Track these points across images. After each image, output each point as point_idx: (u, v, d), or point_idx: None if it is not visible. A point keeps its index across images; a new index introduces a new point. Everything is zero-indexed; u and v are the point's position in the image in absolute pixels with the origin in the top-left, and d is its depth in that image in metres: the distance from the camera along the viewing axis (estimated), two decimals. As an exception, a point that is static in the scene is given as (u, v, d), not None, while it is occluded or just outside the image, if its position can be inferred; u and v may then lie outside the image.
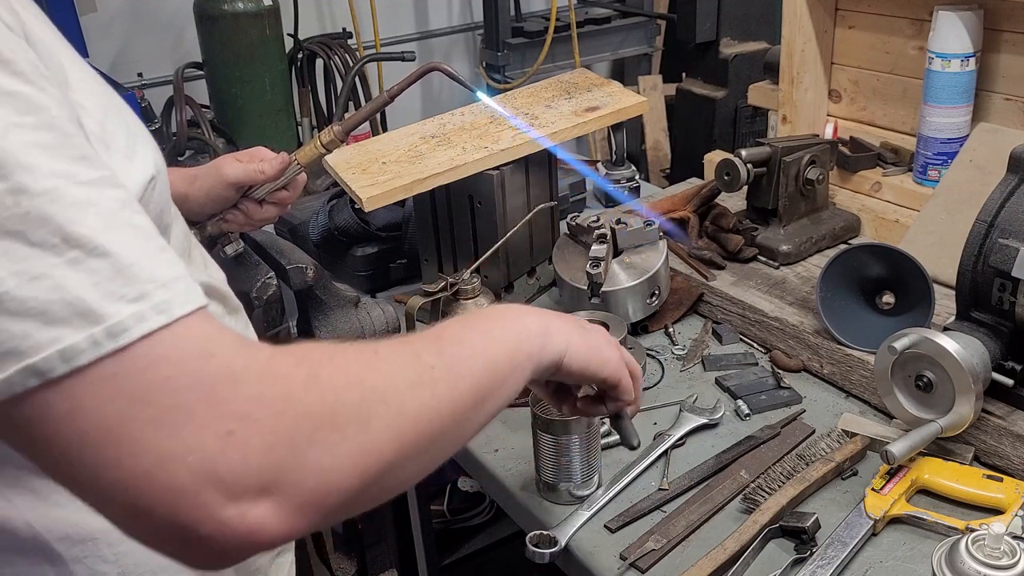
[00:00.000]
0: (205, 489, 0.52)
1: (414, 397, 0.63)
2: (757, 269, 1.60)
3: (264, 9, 3.02)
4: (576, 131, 1.57)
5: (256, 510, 0.54)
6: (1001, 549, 0.92)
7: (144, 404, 0.52)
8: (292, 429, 0.55)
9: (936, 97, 1.63)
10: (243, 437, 0.53)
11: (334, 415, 0.58)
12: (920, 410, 1.17)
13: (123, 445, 0.52)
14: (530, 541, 1.09)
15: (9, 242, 0.50)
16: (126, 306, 0.52)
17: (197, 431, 0.52)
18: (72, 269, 0.51)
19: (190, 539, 0.53)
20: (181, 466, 0.52)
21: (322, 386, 0.58)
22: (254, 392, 0.55)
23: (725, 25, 3.37)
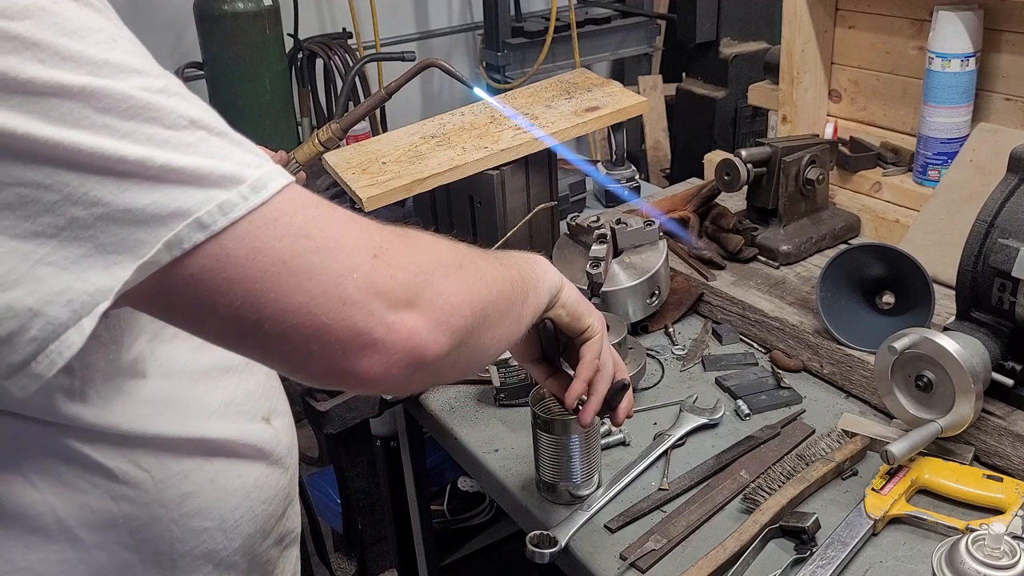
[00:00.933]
0: (371, 299, 0.63)
1: (479, 261, 0.76)
2: (757, 269, 1.60)
3: (264, 9, 3.01)
4: (576, 131, 1.57)
5: (410, 318, 0.64)
6: (1001, 549, 0.92)
7: (306, 237, 0.61)
8: (415, 260, 0.67)
9: (936, 97, 1.63)
10: (385, 260, 0.65)
11: (440, 258, 0.70)
12: (920, 410, 1.17)
13: (299, 273, 0.61)
14: (530, 541, 1.09)
15: (152, 127, 0.58)
16: (255, 169, 0.61)
17: (351, 254, 0.63)
18: (205, 144, 0.60)
19: (367, 346, 0.63)
20: (349, 282, 0.62)
21: (421, 239, 0.71)
22: (380, 235, 0.66)
23: (725, 25, 3.37)
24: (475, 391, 1.42)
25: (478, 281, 0.73)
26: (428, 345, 0.65)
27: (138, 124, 0.58)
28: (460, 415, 1.37)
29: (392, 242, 0.66)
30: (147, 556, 0.77)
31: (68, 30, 0.57)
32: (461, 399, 1.41)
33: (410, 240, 0.69)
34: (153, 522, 0.76)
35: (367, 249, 0.64)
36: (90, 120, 0.56)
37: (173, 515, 0.77)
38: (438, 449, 1.73)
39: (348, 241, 0.63)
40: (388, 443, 1.82)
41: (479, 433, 1.33)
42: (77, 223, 0.56)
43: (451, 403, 1.40)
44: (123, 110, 0.57)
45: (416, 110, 4.03)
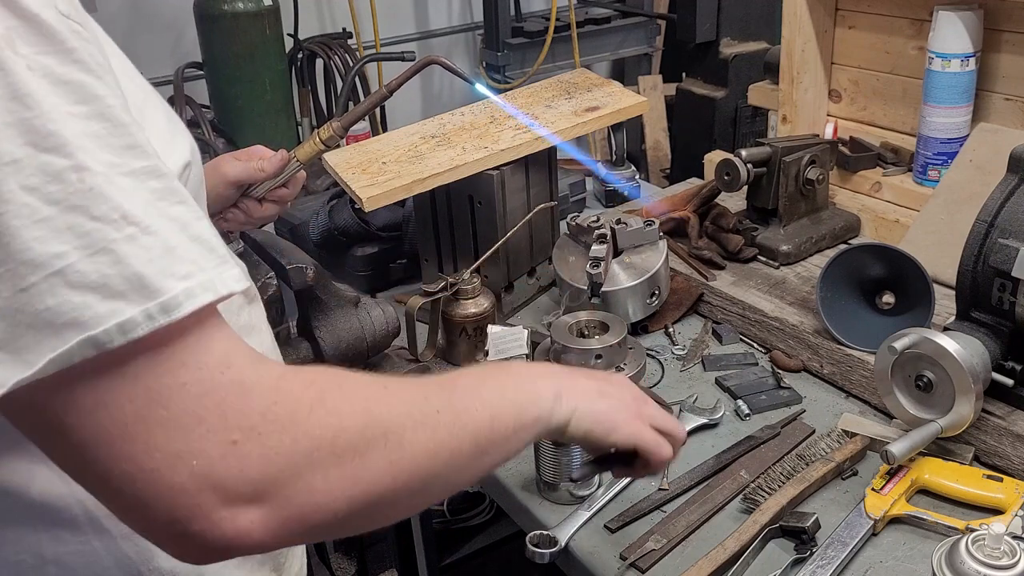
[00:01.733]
0: (203, 491, 0.55)
1: (415, 436, 0.65)
2: (757, 269, 1.60)
3: (264, 9, 3.01)
4: (576, 131, 1.57)
5: (245, 516, 0.57)
6: (1001, 549, 0.92)
7: (160, 406, 0.55)
8: (291, 447, 0.58)
9: (936, 97, 1.63)
10: (245, 449, 0.56)
11: (334, 441, 0.60)
12: (920, 410, 1.17)
13: (137, 442, 0.55)
14: (530, 541, 1.09)
15: (74, 216, 0.52)
16: (177, 282, 0.55)
17: (204, 437, 0.56)
18: (130, 244, 0.54)
19: (181, 534, 0.56)
20: (185, 468, 0.55)
21: (327, 410, 0.61)
22: (261, 407, 0.58)
23: (725, 25, 3.37)
24: (475, 391, 1.41)
25: (397, 461, 0.63)
26: (261, 540, 0.58)
27: (60, 211, 0.52)
28: (460, 415, 1.37)
29: (276, 421, 0.58)
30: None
31: (18, 94, 0.52)
32: (461, 399, 1.40)
33: (320, 408, 0.60)
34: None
35: (229, 433, 0.56)
36: (9, 195, 0.51)
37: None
38: (438, 449, 1.72)
39: (210, 420, 0.56)
40: (388, 443, 1.82)
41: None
42: None
43: (451, 403, 1.40)
44: (49, 192, 0.52)
45: (416, 110, 4.02)
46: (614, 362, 1.32)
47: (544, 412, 0.79)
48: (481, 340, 1.44)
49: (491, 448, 0.73)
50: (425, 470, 0.66)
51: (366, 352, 1.33)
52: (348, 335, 1.30)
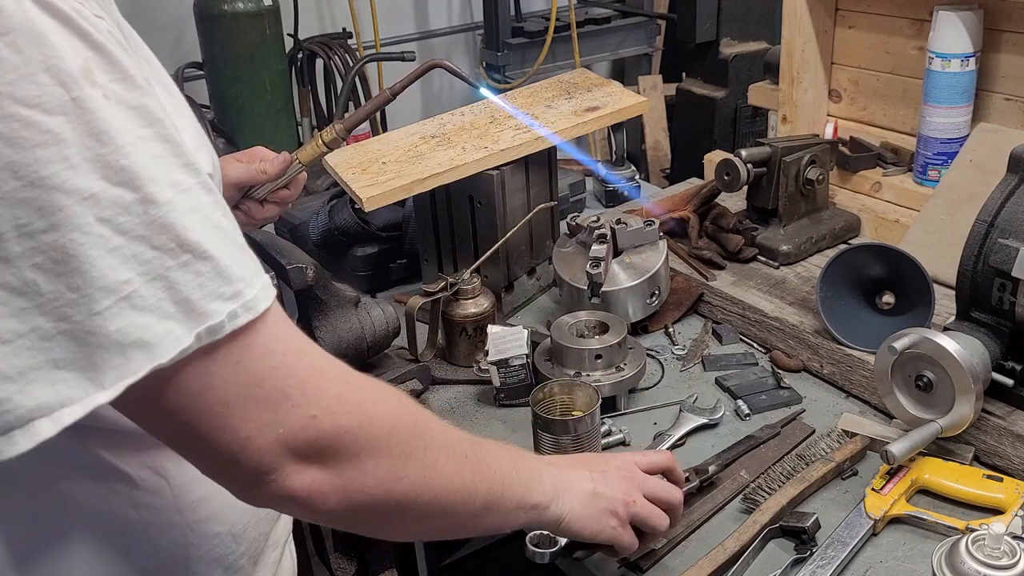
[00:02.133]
0: (283, 453, 0.65)
1: (447, 464, 0.76)
2: (757, 269, 1.60)
3: (264, 9, 3.01)
4: (576, 131, 1.57)
5: (309, 475, 0.67)
6: (1001, 549, 0.92)
7: (257, 386, 0.64)
8: (358, 429, 0.68)
9: (936, 97, 1.63)
10: (321, 422, 0.66)
11: (389, 435, 0.71)
12: (920, 410, 1.17)
13: (236, 416, 0.63)
14: (530, 541, 1.09)
15: (138, 246, 0.58)
16: (223, 304, 0.61)
17: (290, 410, 0.65)
18: (182, 271, 0.59)
19: (259, 483, 0.66)
20: (273, 434, 0.64)
21: (387, 406, 0.72)
22: (336, 390, 0.68)
23: (725, 25, 3.37)
24: (475, 391, 1.42)
25: (426, 474, 0.73)
26: (312, 499, 0.67)
27: (127, 240, 0.57)
28: (460, 415, 1.37)
29: (348, 404, 0.68)
30: (163, 563, 0.78)
31: (96, 131, 0.57)
32: (461, 399, 1.41)
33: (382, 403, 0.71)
34: (170, 528, 0.77)
35: (310, 408, 0.66)
36: (88, 227, 0.56)
37: (188, 521, 0.78)
38: (438, 449, 1.73)
39: (296, 397, 0.65)
40: (388, 443, 1.81)
41: (479, 433, 1.32)
42: (37, 333, 0.56)
43: (451, 403, 1.40)
44: (120, 223, 0.57)
45: (416, 110, 4.02)
46: (614, 362, 1.32)
47: (543, 502, 0.87)
48: (481, 340, 1.44)
49: (495, 510, 0.82)
50: (445, 497, 0.76)
51: (366, 352, 1.33)
52: (348, 335, 1.30)
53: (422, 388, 1.38)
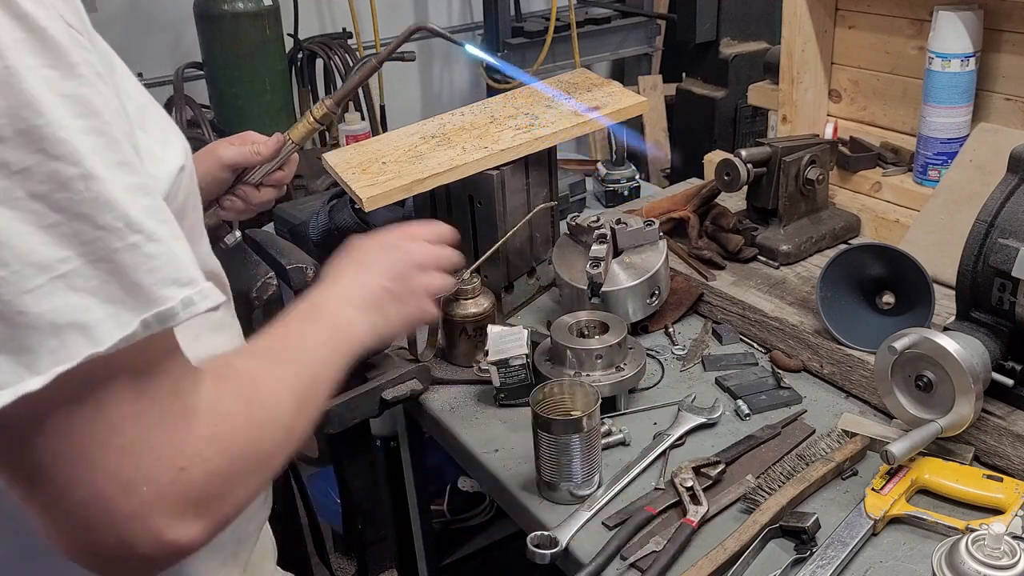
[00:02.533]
0: (152, 515, 0.59)
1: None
2: (757, 269, 1.60)
3: (264, 9, 3.01)
4: (576, 131, 1.57)
5: (188, 531, 0.61)
6: (1001, 549, 0.92)
7: (118, 433, 0.57)
8: (228, 468, 0.64)
9: (936, 97, 1.63)
10: (191, 473, 0.61)
11: (257, 454, 0.68)
12: (920, 410, 1.17)
13: (95, 468, 0.57)
14: (531, 542, 1.09)
15: (79, 224, 0.54)
16: (178, 290, 0.58)
17: (156, 464, 0.59)
18: (131, 253, 0.56)
19: (128, 557, 0.60)
20: (136, 494, 0.58)
21: (254, 424, 0.68)
22: (205, 433, 0.63)
23: (725, 25, 3.37)
24: (475, 391, 1.42)
25: (288, 449, 0.72)
26: (199, 546, 0.63)
27: (66, 218, 0.54)
28: (460, 415, 1.37)
29: (218, 445, 0.63)
30: None
31: (29, 102, 0.54)
32: (461, 399, 1.41)
33: (249, 426, 0.66)
34: None
35: (178, 460, 0.60)
36: (18, 202, 0.53)
37: None
38: (438, 449, 1.73)
39: (161, 448, 0.59)
40: (388, 443, 1.82)
41: (479, 433, 1.33)
42: None
43: (451, 403, 1.40)
44: (57, 199, 0.54)
45: (416, 111, 4.03)
46: (614, 362, 1.32)
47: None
48: (481, 340, 1.44)
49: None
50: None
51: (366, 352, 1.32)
52: (348, 335, 1.30)
53: (422, 388, 1.38)
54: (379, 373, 1.36)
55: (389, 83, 3.72)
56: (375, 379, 1.34)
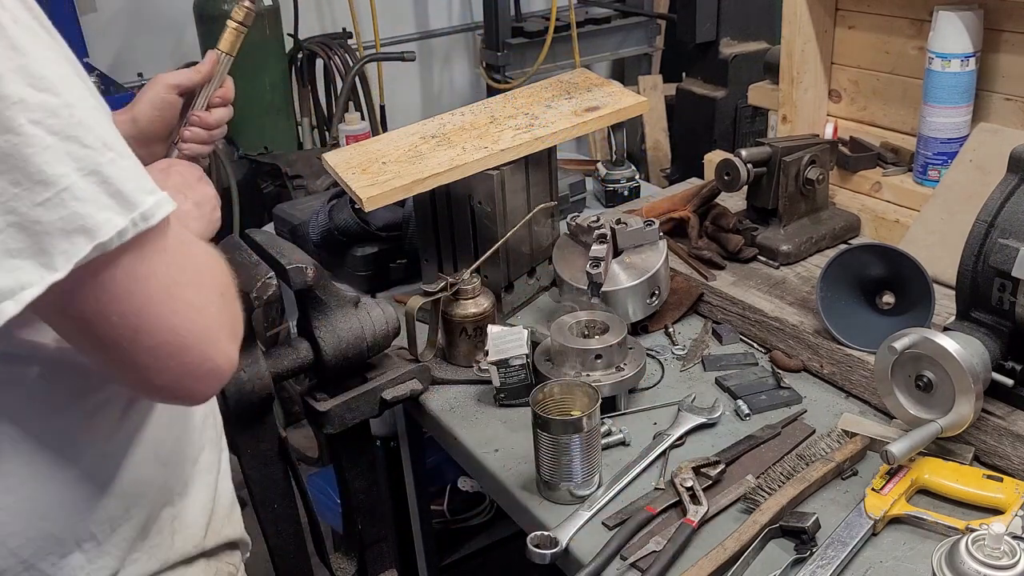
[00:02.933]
0: (219, 332, 0.75)
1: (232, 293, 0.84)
2: (757, 269, 1.60)
3: (264, 9, 3.01)
4: (576, 131, 1.57)
5: (234, 349, 0.77)
6: (1001, 549, 0.92)
7: (183, 270, 0.72)
8: (237, 304, 0.81)
9: (936, 97, 1.63)
10: (227, 298, 0.78)
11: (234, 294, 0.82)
12: (920, 410, 1.17)
13: (178, 300, 0.71)
14: (531, 542, 1.09)
15: (70, 145, 0.64)
16: (150, 196, 0.68)
17: (209, 290, 0.75)
18: (114, 166, 0.66)
19: (211, 371, 0.75)
20: (208, 315, 0.74)
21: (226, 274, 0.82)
22: (223, 277, 0.79)
23: (725, 25, 3.37)
24: (475, 391, 1.42)
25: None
26: (236, 365, 0.78)
27: (59, 140, 0.63)
28: (460, 415, 1.37)
29: (230, 284, 0.80)
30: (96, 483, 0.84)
31: (14, 44, 0.62)
32: (461, 399, 1.41)
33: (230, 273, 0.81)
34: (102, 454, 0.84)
35: (217, 287, 0.77)
36: (21, 128, 0.62)
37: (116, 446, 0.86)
38: (438, 449, 1.73)
39: (207, 278, 0.76)
40: (388, 443, 1.82)
41: (479, 433, 1.33)
42: None
43: (451, 403, 1.40)
44: (50, 124, 0.63)
45: (416, 111, 4.03)
46: (614, 362, 1.32)
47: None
48: (481, 340, 1.44)
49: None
50: None
51: (366, 352, 1.33)
52: (348, 335, 1.30)
53: (422, 388, 1.38)
54: (379, 373, 1.36)
55: (389, 83, 3.72)
56: (375, 379, 1.34)
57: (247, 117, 3.09)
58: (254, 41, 3.00)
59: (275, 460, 1.30)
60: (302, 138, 3.39)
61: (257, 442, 1.28)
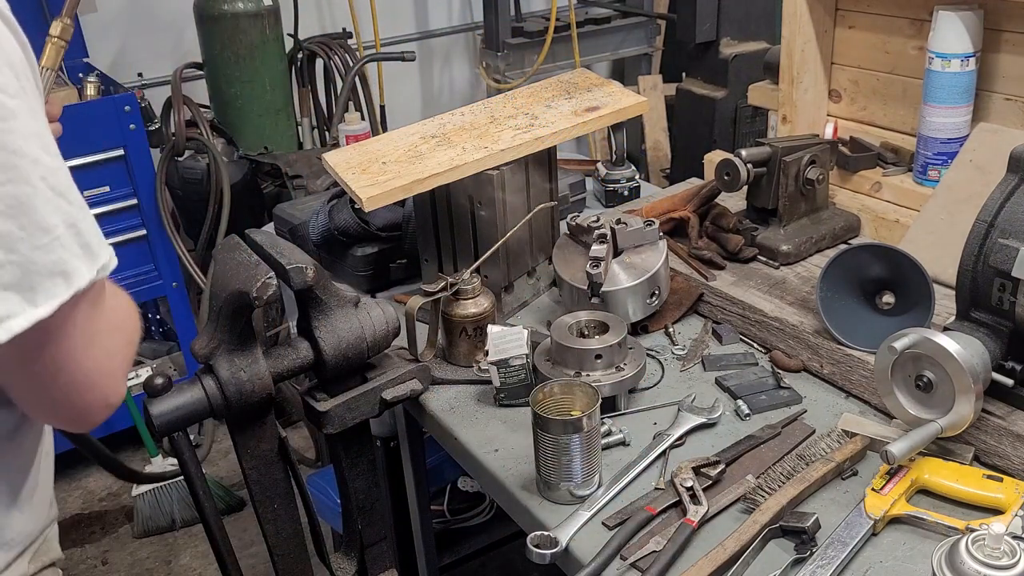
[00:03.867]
0: (120, 373, 0.86)
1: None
2: (757, 269, 1.60)
3: (264, 9, 3.01)
4: (576, 131, 1.57)
5: (124, 384, 0.87)
6: (1001, 549, 0.92)
7: (107, 319, 0.83)
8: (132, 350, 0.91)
9: (936, 97, 1.63)
10: (131, 350, 0.90)
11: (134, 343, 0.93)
12: (920, 410, 1.17)
13: (97, 346, 0.82)
14: (531, 542, 1.09)
15: (60, 200, 0.75)
16: (105, 249, 0.80)
17: (122, 338, 0.88)
18: (84, 222, 0.77)
19: (105, 405, 0.85)
20: (116, 359, 0.86)
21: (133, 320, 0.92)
22: (134, 323, 0.91)
23: (725, 25, 3.37)
24: (475, 391, 1.42)
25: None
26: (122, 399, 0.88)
27: (55, 196, 0.75)
28: (460, 415, 1.37)
29: (139, 324, 0.92)
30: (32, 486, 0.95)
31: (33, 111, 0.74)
32: (461, 399, 1.41)
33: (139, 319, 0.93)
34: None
35: (128, 335, 0.89)
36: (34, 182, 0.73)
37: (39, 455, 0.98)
38: (438, 449, 1.72)
39: (124, 325, 0.87)
40: (388, 443, 1.82)
41: (479, 433, 1.33)
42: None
43: (451, 403, 1.40)
44: (51, 183, 0.74)
45: (416, 111, 4.03)
46: (614, 362, 1.32)
47: None
48: (481, 340, 1.44)
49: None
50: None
51: (366, 352, 1.32)
52: (348, 335, 1.30)
53: (422, 388, 1.38)
54: (379, 373, 1.36)
55: (389, 83, 3.73)
56: (375, 379, 1.34)
57: (247, 117, 3.09)
58: (254, 41, 3.01)
59: (275, 460, 1.30)
60: (302, 138, 3.39)
61: (257, 442, 1.28)
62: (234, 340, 1.22)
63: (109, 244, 0.81)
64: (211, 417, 1.23)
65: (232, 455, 2.89)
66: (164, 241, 2.84)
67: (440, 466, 2.13)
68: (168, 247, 2.86)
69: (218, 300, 1.20)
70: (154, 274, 2.88)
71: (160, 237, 2.84)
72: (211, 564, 2.60)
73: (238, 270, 1.22)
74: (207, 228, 2.93)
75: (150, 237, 2.83)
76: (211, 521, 1.28)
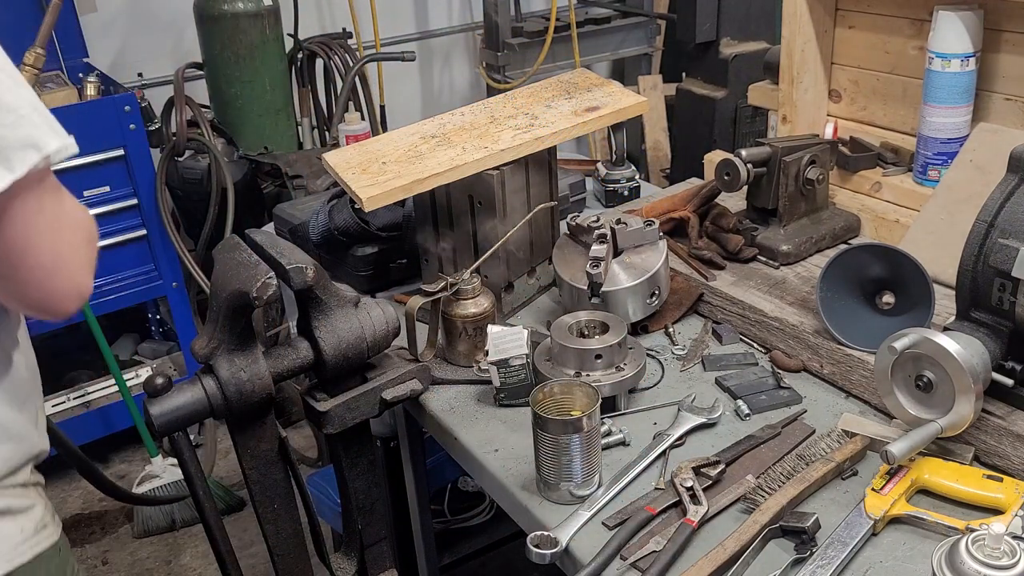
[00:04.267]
0: (85, 267, 0.96)
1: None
2: (757, 269, 1.60)
3: (264, 9, 3.01)
4: (576, 131, 1.57)
5: (91, 281, 0.98)
6: (1001, 549, 0.92)
7: (64, 213, 0.94)
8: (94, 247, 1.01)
9: (936, 97, 1.63)
10: (91, 247, 0.98)
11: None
12: (920, 410, 1.17)
13: (58, 232, 0.92)
14: (531, 542, 1.09)
15: (22, 89, 0.88)
16: (68, 136, 0.90)
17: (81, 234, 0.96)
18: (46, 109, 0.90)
19: (74, 294, 0.95)
20: (79, 253, 0.95)
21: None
22: (90, 225, 0.99)
23: (725, 25, 3.37)
24: (475, 391, 1.42)
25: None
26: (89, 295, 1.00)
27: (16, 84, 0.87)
28: (460, 415, 1.37)
29: (95, 228, 1.00)
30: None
31: None
32: (461, 399, 1.41)
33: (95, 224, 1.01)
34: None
35: (86, 233, 0.97)
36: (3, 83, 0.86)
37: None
38: (438, 449, 1.73)
39: (80, 223, 0.96)
40: (388, 443, 1.82)
41: (479, 433, 1.33)
42: None
43: (451, 403, 1.40)
44: (10, 72, 0.87)
45: (416, 111, 4.03)
46: (614, 362, 1.32)
47: None
48: (481, 340, 1.44)
49: None
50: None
51: (366, 352, 1.33)
52: (348, 335, 1.30)
53: (422, 388, 1.38)
54: (379, 373, 1.36)
55: (389, 83, 3.73)
56: (375, 379, 1.34)
57: (247, 117, 3.10)
58: (254, 41, 3.01)
59: (275, 460, 1.30)
60: (302, 138, 3.39)
61: (257, 442, 1.28)
62: (234, 340, 1.22)
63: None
64: (211, 417, 1.24)
65: (232, 455, 2.89)
66: (164, 241, 2.84)
67: (440, 466, 2.13)
68: (168, 247, 2.86)
69: (218, 300, 1.20)
70: (154, 274, 2.88)
71: (160, 237, 2.84)
72: (211, 564, 2.61)
73: (238, 270, 1.22)
74: (207, 228, 2.93)
75: (150, 237, 2.83)
76: (211, 521, 1.28)
